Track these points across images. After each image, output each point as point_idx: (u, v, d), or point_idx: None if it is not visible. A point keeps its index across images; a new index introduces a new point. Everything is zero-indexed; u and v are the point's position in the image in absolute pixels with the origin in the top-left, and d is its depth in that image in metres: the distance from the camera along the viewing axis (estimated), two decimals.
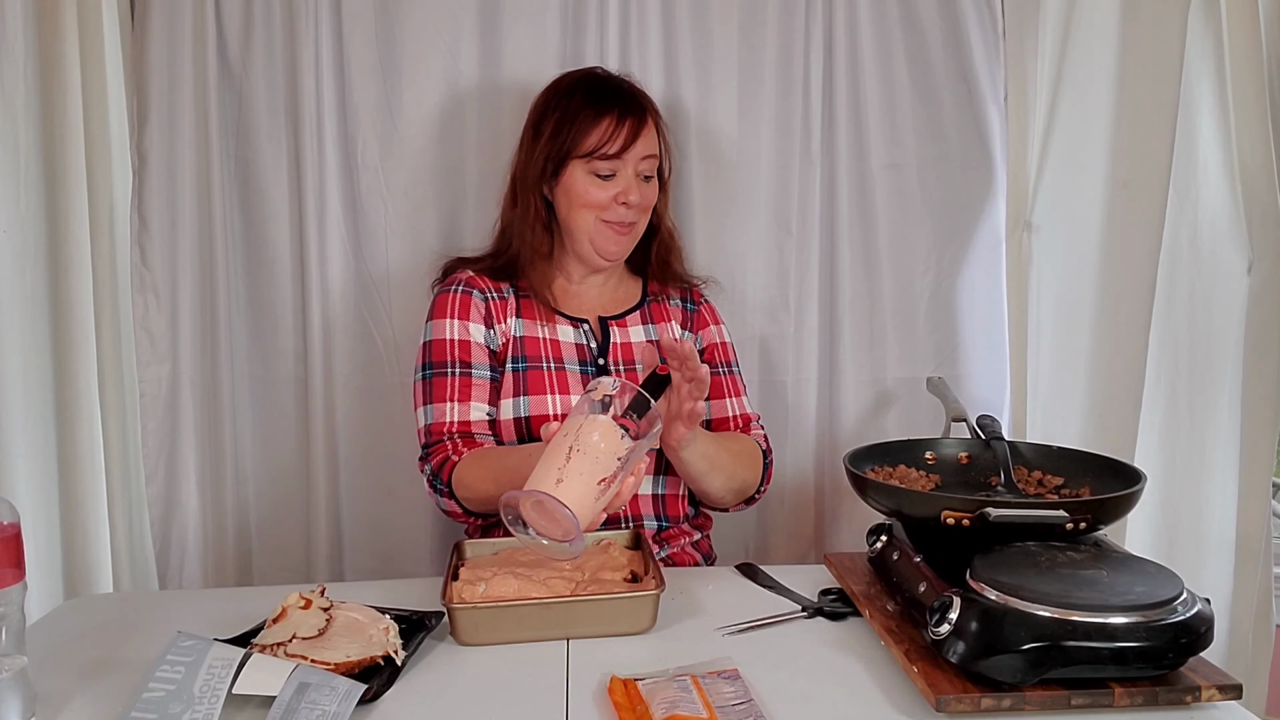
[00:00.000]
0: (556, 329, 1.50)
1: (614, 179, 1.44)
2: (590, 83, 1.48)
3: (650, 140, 1.46)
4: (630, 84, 1.51)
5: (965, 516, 1.04)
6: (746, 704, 0.93)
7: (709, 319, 1.61)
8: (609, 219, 1.45)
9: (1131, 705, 0.90)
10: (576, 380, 1.47)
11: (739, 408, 1.55)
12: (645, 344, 1.49)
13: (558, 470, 1.02)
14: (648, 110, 1.47)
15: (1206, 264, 1.59)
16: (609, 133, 1.41)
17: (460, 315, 1.47)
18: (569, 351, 1.49)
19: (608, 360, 1.50)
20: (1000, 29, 1.73)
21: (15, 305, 1.51)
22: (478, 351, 1.46)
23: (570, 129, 1.43)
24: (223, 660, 0.94)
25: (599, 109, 1.43)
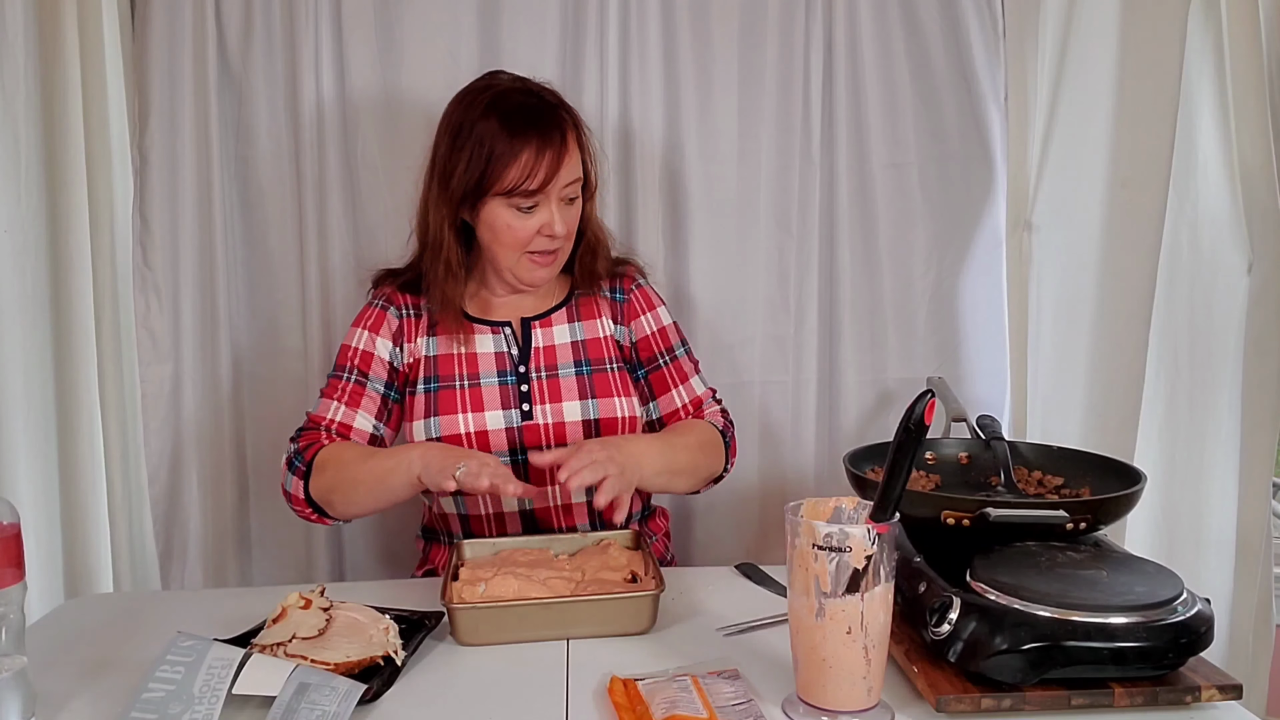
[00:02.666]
0: (474, 340, 1.44)
1: (536, 210, 1.35)
2: (503, 106, 1.35)
3: (573, 164, 1.37)
4: (545, 98, 1.39)
5: (965, 516, 1.04)
6: (746, 704, 0.93)
7: (640, 307, 1.51)
8: (533, 249, 1.38)
9: (1131, 705, 0.90)
10: (494, 395, 1.41)
11: (687, 394, 1.49)
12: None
13: (865, 681, 0.89)
14: (567, 130, 1.36)
15: (1206, 264, 1.59)
16: (529, 168, 1.32)
17: (371, 329, 1.44)
18: (486, 363, 1.43)
19: (528, 368, 1.43)
20: (1000, 29, 1.73)
21: (16, 305, 1.51)
22: (378, 365, 1.43)
23: (487, 165, 1.33)
24: (222, 660, 0.94)
25: (516, 141, 1.32)
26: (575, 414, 1.41)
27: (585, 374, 1.44)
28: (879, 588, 0.87)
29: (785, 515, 0.91)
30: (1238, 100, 1.52)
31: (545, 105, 1.37)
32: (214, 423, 1.74)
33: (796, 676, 0.93)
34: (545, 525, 1.42)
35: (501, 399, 1.41)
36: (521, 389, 1.42)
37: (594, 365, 1.45)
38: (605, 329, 1.49)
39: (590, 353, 1.46)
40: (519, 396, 1.41)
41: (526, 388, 1.42)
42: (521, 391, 1.42)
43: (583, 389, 1.43)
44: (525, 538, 1.32)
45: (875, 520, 0.88)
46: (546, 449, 1.36)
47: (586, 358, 1.46)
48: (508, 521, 1.42)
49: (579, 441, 1.30)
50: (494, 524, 1.43)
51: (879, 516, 0.88)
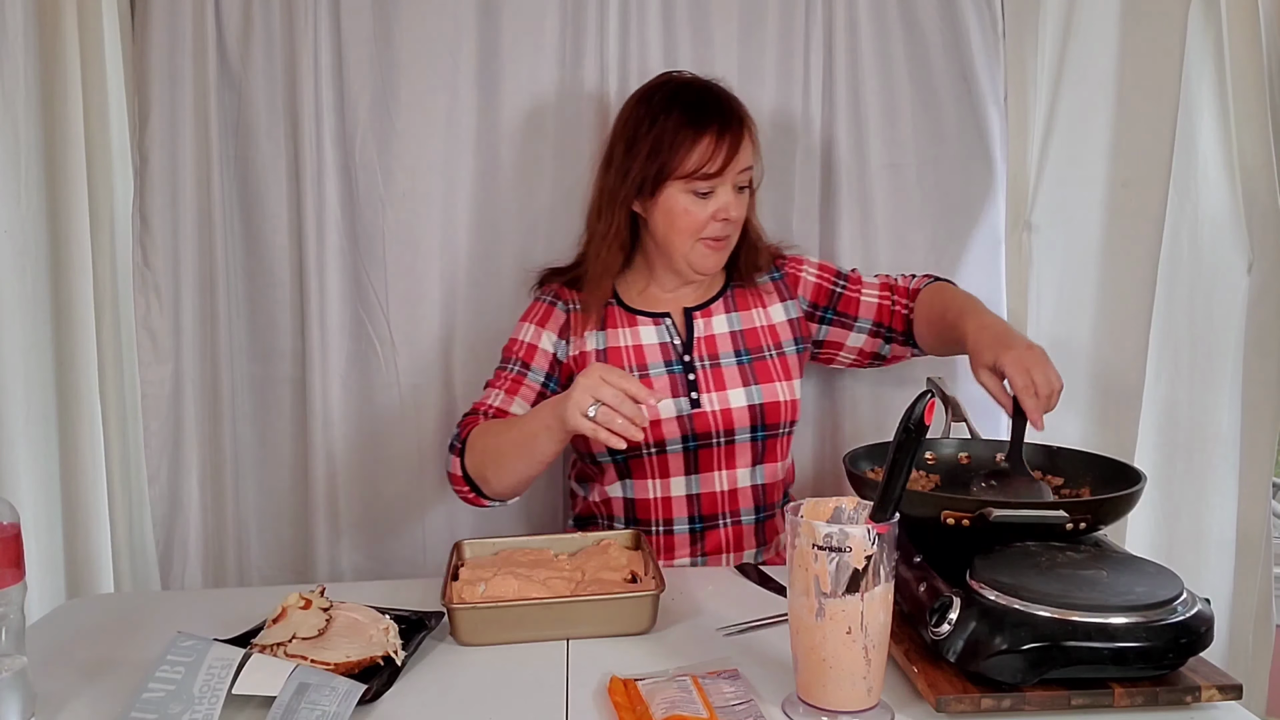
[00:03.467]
0: (639, 332, 1.50)
1: (712, 195, 1.42)
2: (686, 97, 1.44)
3: (747, 151, 1.44)
4: (722, 92, 1.47)
5: (965, 516, 1.04)
6: (747, 704, 0.93)
7: (796, 269, 1.60)
8: (706, 236, 1.44)
9: (1132, 705, 0.90)
10: (663, 384, 1.47)
11: (875, 291, 1.57)
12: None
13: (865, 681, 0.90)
14: (744, 119, 1.45)
15: (1206, 264, 1.59)
16: (709, 152, 1.39)
17: (538, 323, 1.52)
18: (653, 354, 1.49)
19: (692, 356, 1.49)
20: (1000, 29, 1.73)
21: (16, 305, 1.51)
22: (540, 358, 1.50)
23: (669, 150, 1.40)
24: (222, 660, 0.94)
25: (698, 127, 1.40)
26: (740, 400, 1.47)
27: (746, 362, 1.50)
28: (879, 588, 0.87)
29: (785, 515, 0.91)
30: (1238, 100, 1.52)
31: (723, 96, 1.46)
32: (214, 423, 1.74)
33: (796, 676, 0.93)
34: (710, 511, 1.48)
35: (671, 388, 1.47)
36: (689, 378, 1.48)
37: (753, 354, 1.51)
38: (766, 318, 1.55)
39: (749, 342, 1.52)
40: (687, 385, 1.47)
41: (693, 376, 1.48)
42: (689, 380, 1.48)
43: (745, 376, 1.49)
44: (525, 538, 1.32)
45: (875, 520, 0.88)
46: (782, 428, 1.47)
47: (745, 347, 1.52)
48: (674, 506, 1.48)
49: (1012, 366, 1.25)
50: (660, 508, 1.48)
51: (879, 516, 0.88)
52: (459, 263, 1.76)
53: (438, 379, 1.78)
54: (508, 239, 1.76)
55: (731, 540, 1.50)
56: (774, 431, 1.50)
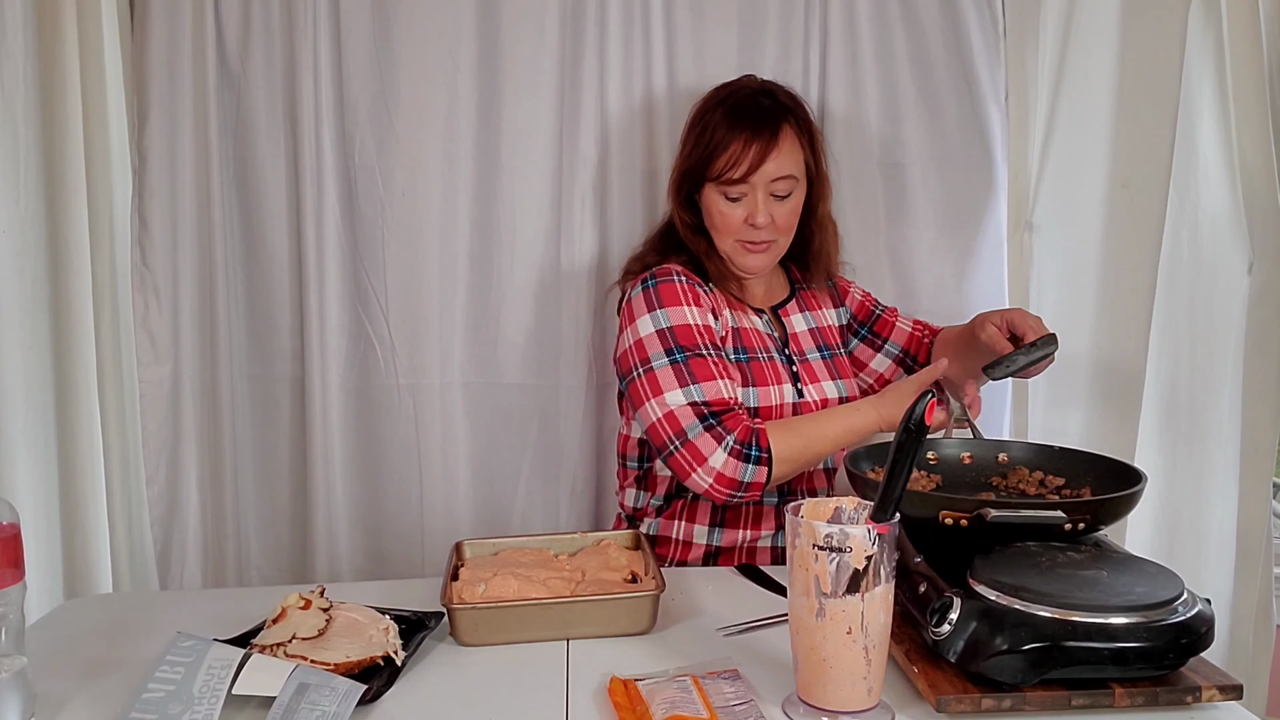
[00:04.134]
0: (750, 318, 1.52)
1: (743, 200, 1.44)
2: (733, 100, 1.46)
3: (784, 160, 1.42)
4: (777, 97, 1.47)
5: (963, 517, 1.04)
6: (747, 704, 0.93)
7: (846, 286, 1.67)
8: (744, 239, 1.46)
9: (1132, 706, 0.90)
10: (783, 370, 1.49)
11: (909, 324, 1.64)
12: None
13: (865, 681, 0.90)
14: (784, 126, 1.43)
15: (1206, 264, 1.59)
16: (734, 157, 1.41)
17: (695, 303, 1.44)
18: (763, 342, 1.51)
19: (789, 350, 1.53)
20: (1000, 29, 1.73)
21: (15, 305, 1.51)
22: (718, 336, 1.45)
23: (704, 151, 1.44)
24: (222, 661, 0.94)
25: (731, 131, 1.42)
26: (833, 393, 1.53)
27: (827, 358, 1.57)
28: (879, 588, 0.87)
29: (785, 516, 0.91)
30: (1238, 100, 1.52)
31: (771, 105, 1.45)
32: (213, 423, 1.74)
33: (796, 677, 0.93)
34: (795, 486, 1.50)
35: (787, 376, 1.50)
36: (792, 369, 1.52)
37: (830, 350, 1.58)
38: (828, 319, 1.62)
39: (825, 339, 1.59)
40: (791, 375, 1.51)
41: (794, 368, 1.52)
42: (793, 371, 1.51)
43: (830, 371, 1.55)
44: (525, 538, 1.32)
45: (875, 520, 0.88)
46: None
47: (824, 343, 1.58)
48: None
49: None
50: None
51: (879, 517, 0.88)
52: (459, 263, 1.76)
53: (437, 379, 1.77)
54: (507, 239, 1.76)
55: (751, 516, 1.51)
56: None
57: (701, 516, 1.49)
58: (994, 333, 1.37)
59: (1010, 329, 1.37)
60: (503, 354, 1.78)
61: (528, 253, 1.76)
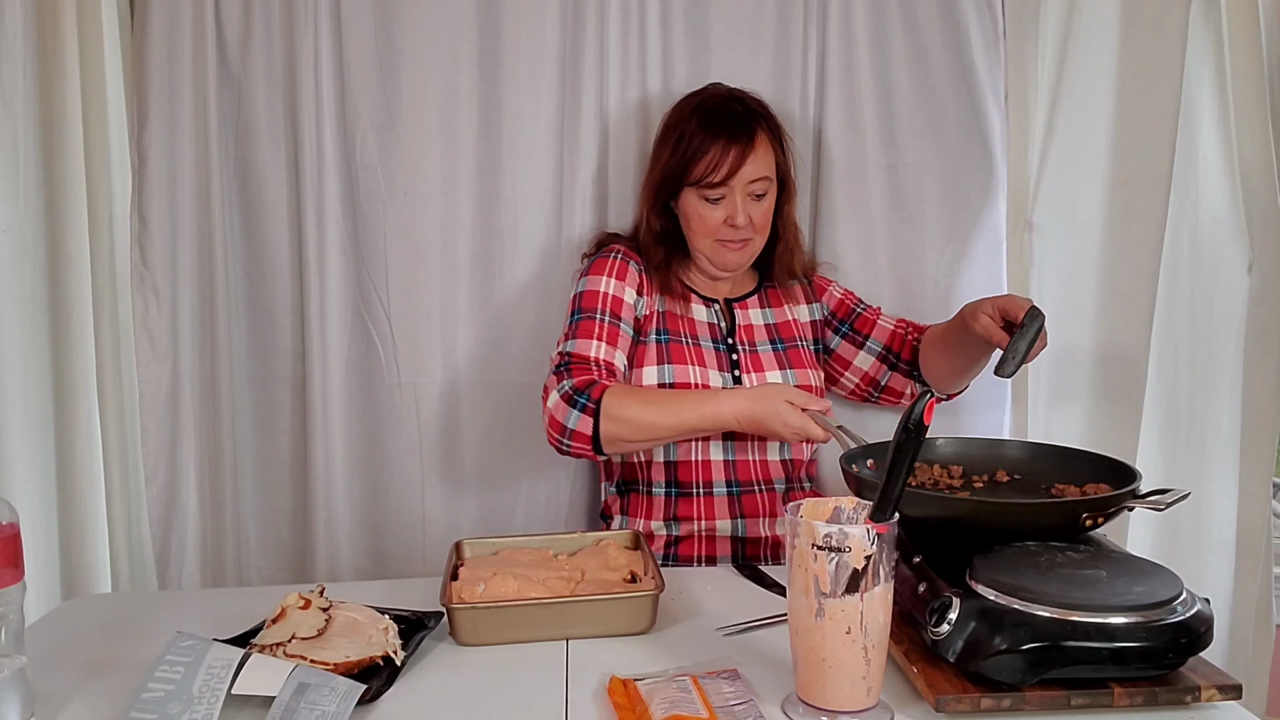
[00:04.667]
0: (691, 307, 1.58)
1: (722, 202, 1.50)
2: (705, 106, 1.53)
3: (759, 163, 1.50)
4: (746, 103, 1.54)
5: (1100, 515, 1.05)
6: (746, 704, 0.93)
7: (823, 284, 1.70)
8: (722, 238, 1.52)
9: (1131, 705, 0.90)
10: (712, 357, 1.55)
11: (891, 321, 1.65)
12: None
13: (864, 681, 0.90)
14: (758, 132, 1.50)
15: (1206, 264, 1.59)
16: (715, 161, 1.47)
17: (617, 277, 1.55)
18: (702, 330, 1.57)
19: (734, 340, 1.58)
20: (1000, 29, 1.73)
21: (14, 305, 1.51)
22: (626, 310, 1.54)
23: (682, 157, 1.50)
24: (222, 660, 0.94)
25: (707, 137, 1.48)
26: (776, 380, 1.55)
27: (780, 350, 1.60)
28: (878, 588, 0.87)
29: (785, 516, 0.91)
30: (1238, 100, 1.52)
31: (742, 110, 1.52)
32: (212, 423, 1.74)
33: (796, 676, 0.93)
34: (745, 477, 1.54)
35: (717, 362, 1.55)
36: (732, 357, 1.57)
37: (786, 343, 1.61)
38: (795, 314, 1.65)
39: (782, 333, 1.62)
40: (730, 364, 1.56)
41: (736, 356, 1.57)
42: (732, 359, 1.57)
43: (780, 361, 1.59)
44: (524, 537, 1.32)
45: (875, 520, 0.88)
46: None
47: (779, 337, 1.62)
48: (713, 469, 1.53)
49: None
50: (700, 470, 1.54)
51: (878, 517, 0.88)
52: (460, 262, 1.76)
53: (439, 378, 1.77)
54: (509, 238, 1.76)
55: (767, 505, 1.54)
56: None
57: (656, 512, 1.55)
58: (988, 322, 1.37)
59: (1003, 315, 1.37)
60: (504, 353, 1.78)
61: (528, 252, 1.76)
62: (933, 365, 1.58)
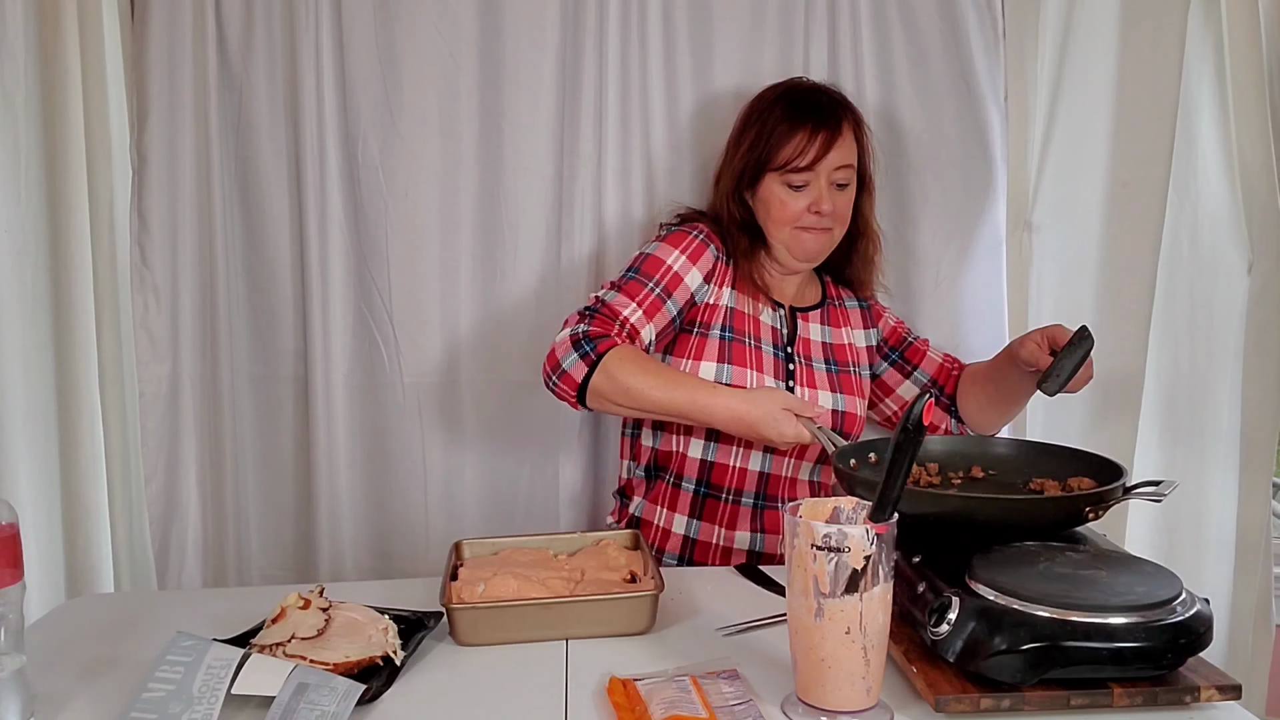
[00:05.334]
0: (761, 309, 1.55)
1: (806, 189, 1.48)
2: (791, 96, 1.52)
3: (845, 150, 1.49)
4: (831, 94, 1.54)
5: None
6: (746, 704, 0.93)
7: (880, 310, 1.69)
8: (804, 225, 1.50)
9: (1131, 705, 0.90)
10: (770, 363, 1.52)
11: (939, 355, 1.66)
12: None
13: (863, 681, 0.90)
14: (844, 120, 1.50)
15: (1206, 264, 1.59)
16: (801, 146, 1.46)
17: (690, 256, 1.50)
18: (765, 333, 1.54)
19: (793, 350, 1.55)
20: (1000, 29, 1.73)
21: (16, 304, 1.52)
22: (682, 291, 1.48)
23: (766, 143, 1.49)
24: (222, 660, 0.94)
25: (794, 123, 1.47)
26: (827, 403, 1.53)
27: (834, 371, 1.57)
28: (878, 588, 0.87)
29: (784, 516, 0.92)
30: (1238, 100, 1.52)
31: (829, 99, 1.52)
32: (212, 422, 1.74)
33: (795, 677, 0.93)
34: (773, 492, 1.53)
35: (774, 369, 1.52)
36: (789, 366, 1.54)
37: (840, 366, 1.59)
38: (851, 338, 1.63)
39: (837, 355, 1.59)
40: (786, 373, 1.54)
41: (793, 367, 1.54)
42: (789, 369, 1.54)
43: (832, 383, 1.56)
44: (524, 537, 1.32)
45: (874, 521, 0.88)
46: None
47: (834, 358, 1.59)
48: (746, 478, 1.51)
49: None
50: (734, 477, 1.52)
51: (877, 517, 0.88)
52: (462, 261, 1.76)
53: (441, 378, 1.78)
54: (509, 238, 1.76)
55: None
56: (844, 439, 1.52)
57: (681, 506, 1.53)
58: (1034, 349, 1.39)
59: (1051, 344, 1.39)
60: (505, 352, 1.77)
61: (529, 251, 1.76)
62: (971, 401, 1.60)
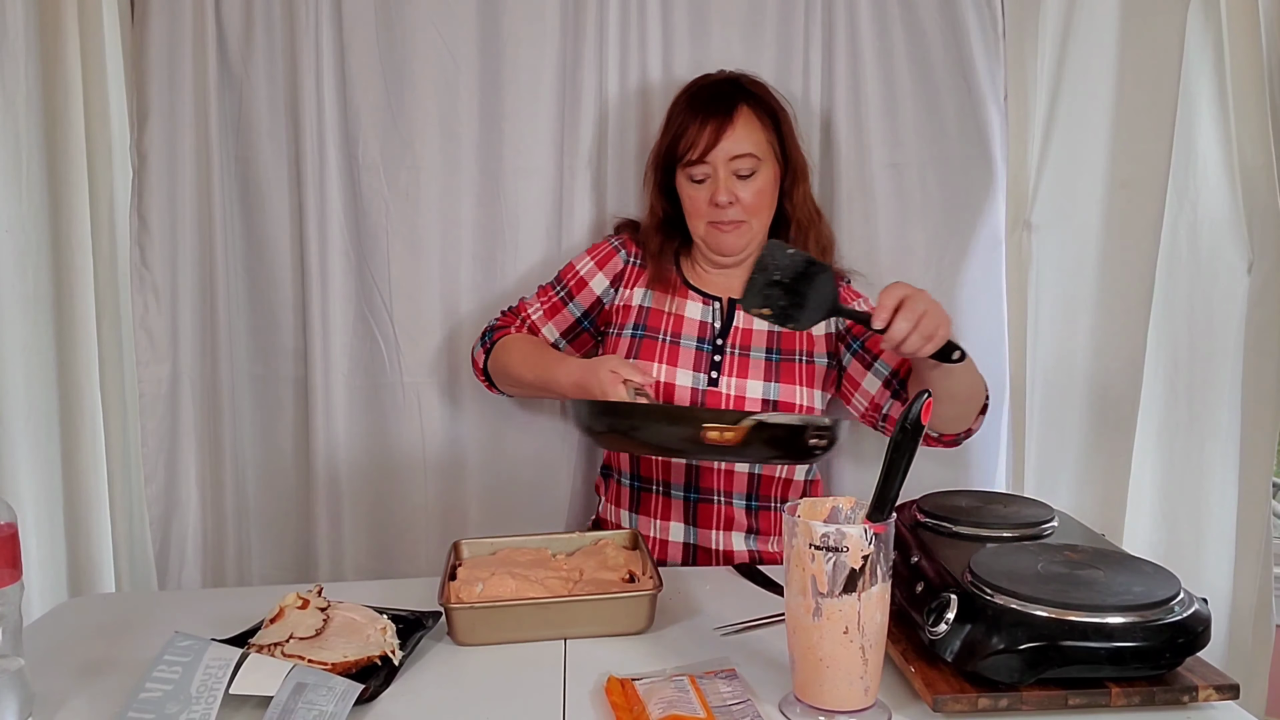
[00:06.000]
0: (685, 305, 1.56)
1: (707, 181, 1.49)
2: (693, 89, 1.54)
3: (739, 139, 1.47)
4: (738, 84, 1.53)
5: (729, 429, 1.08)
6: (744, 704, 0.93)
7: (849, 296, 1.61)
8: (713, 219, 1.51)
9: (1129, 705, 0.90)
10: (689, 356, 1.52)
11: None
12: None
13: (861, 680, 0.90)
14: (739, 107, 1.48)
15: (1206, 264, 1.59)
16: (691, 138, 1.47)
17: (598, 263, 1.61)
18: (690, 328, 1.55)
19: (725, 342, 1.54)
20: (1000, 29, 1.73)
21: (17, 304, 1.52)
22: (586, 294, 1.61)
23: (669, 138, 1.51)
24: (220, 660, 0.94)
25: (688, 115, 1.49)
26: (757, 392, 1.51)
27: (774, 360, 1.54)
28: (876, 588, 0.87)
29: (783, 515, 0.92)
30: (1238, 100, 1.52)
31: (731, 90, 1.51)
32: (212, 422, 1.74)
33: (794, 676, 0.93)
34: (706, 485, 1.52)
35: (695, 362, 1.52)
36: (715, 359, 1.53)
37: (784, 354, 1.54)
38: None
39: (782, 343, 1.55)
40: (711, 364, 1.53)
41: (720, 358, 1.53)
42: (714, 361, 1.53)
43: (769, 372, 1.52)
44: (523, 537, 1.32)
45: (872, 520, 0.88)
46: None
47: (778, 346, 1.55)
48: (673, 470, 1.52)
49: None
50: (661, 469, 1.53)
51: (876, 516, 0.88)
52: (462, 262, 1.76)
53: (441, 379, 1.78)
54: (510, 238, 1.76)
55: (723, 518, 1.51)
56: (767, 488, 1.52)
57: (624, 501, 1.57)
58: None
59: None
60: None
61: (530, 251, 1.76)
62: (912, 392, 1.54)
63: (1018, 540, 1.11)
